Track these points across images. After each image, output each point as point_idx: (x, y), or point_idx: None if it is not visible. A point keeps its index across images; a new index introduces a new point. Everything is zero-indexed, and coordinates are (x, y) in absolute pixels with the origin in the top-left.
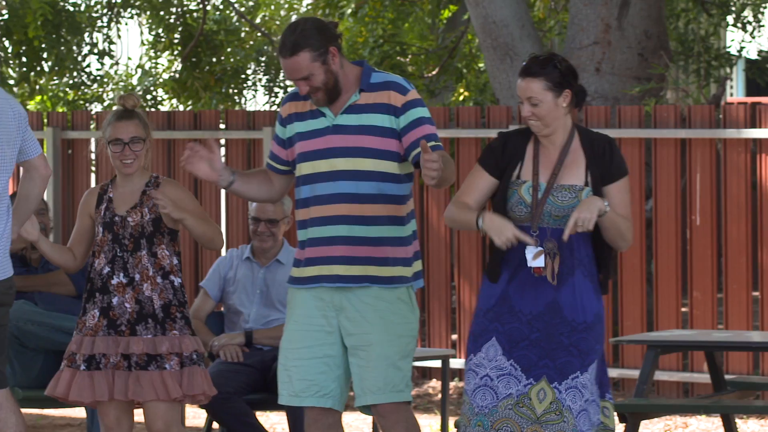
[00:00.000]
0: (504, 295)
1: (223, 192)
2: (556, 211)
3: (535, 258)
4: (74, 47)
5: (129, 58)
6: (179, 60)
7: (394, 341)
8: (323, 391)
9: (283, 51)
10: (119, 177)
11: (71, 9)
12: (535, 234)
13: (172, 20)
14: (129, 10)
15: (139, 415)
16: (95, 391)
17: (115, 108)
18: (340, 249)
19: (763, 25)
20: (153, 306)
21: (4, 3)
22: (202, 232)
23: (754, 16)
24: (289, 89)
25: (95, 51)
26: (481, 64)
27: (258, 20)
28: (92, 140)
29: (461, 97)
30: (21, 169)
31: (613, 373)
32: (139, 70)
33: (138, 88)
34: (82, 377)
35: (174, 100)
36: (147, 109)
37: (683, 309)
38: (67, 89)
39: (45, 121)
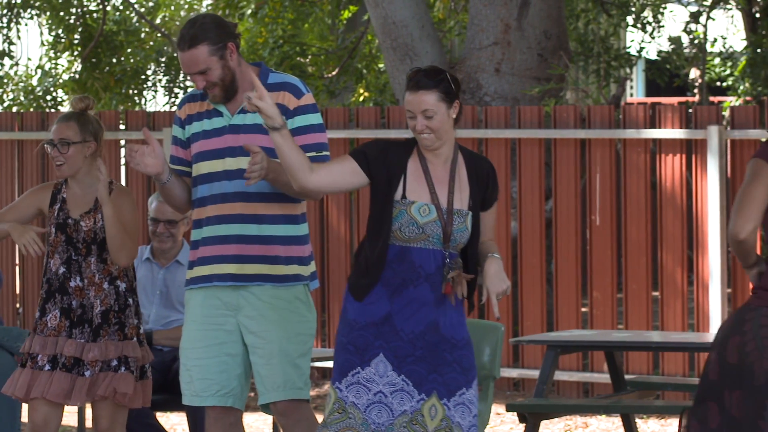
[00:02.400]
0: (387, 315)
1: None
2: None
3: (444, 281)
4: None
5: (29, 59)
6: (79, 60)
7: (292, 339)
8: (224, 390)
9: (182, 44)
10: (70, 179)
11: None
12: (447, 258)
13: (72, 21)
14: (29, 10)
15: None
16: (57, 391)
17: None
18: (233, 248)
19: (662, 26)
20: (93, 311)
21: None
22: (115, 233)
23: (654, 17)
24: (190, 89)
25: None
26: (381, 65)
27: (158, 21)
28: None
29: (361, 98)
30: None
31: (513, 373)
32: (39, 71)
33: (38, 89)
34: (46, 377)
35: None
36: (46, 110)
37: (583, 309)
38: None
39: None
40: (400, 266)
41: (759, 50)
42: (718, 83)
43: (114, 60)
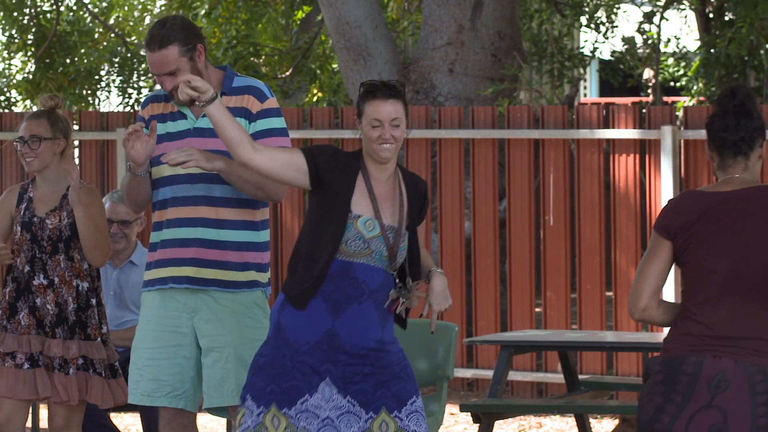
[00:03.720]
0: (331, 332)
1: None
2: (387, 252)
3: (391, 298)
4: None
5: None
6: (33, 61)
7: (248, 345)
8: (176, 392)
9: (152, 44)
10: (38, 177)
11: None
12: (394, 273)
13: (25, 21)
14: None
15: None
16: (35, 389)
17: None
18: (192, 251)
19: (616, 26)
20: (67, 309)
21: None
22: (89, 234)
23: (608, 17)
24: (144, 90)
25: None
26: (334, 65)
27: (111, 21)
28: None
29: (315, 98)
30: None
31: (467, 373)
32: None
33: None
34: (27, 375)
35: (28, 102)
36: (0, 111)
37: (537, 309)
38: None
39: None
40: (342, 281)
41: (712, 50)
42: (672, 83)
43: (68, 60)
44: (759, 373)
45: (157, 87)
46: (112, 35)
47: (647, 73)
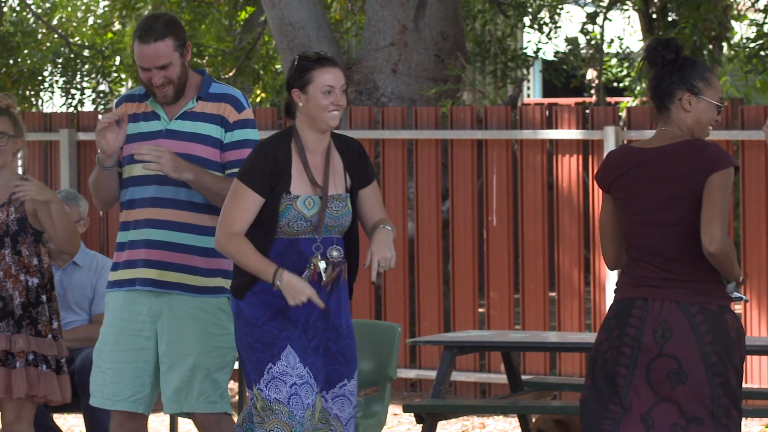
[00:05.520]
0: (281, 307)
1: None
2: (330, 221)
3: (326, 271)
4: None
5: None
6: None
7: (211, 353)
8: (136, 396)
9: (147, 37)
10: None
11: None
12: (319, 246)
13: None
14: None
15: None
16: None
17: None
18: (157, 253)
19: (559, 27)
20: (13, 303)
21: None
22: (64, 227)
23: (551, 18)
24: (87, 91)
25: None
26: (278, 66)
27: (55, 22)
28: None
29: (258, 99)
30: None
31: (410, 373)
32: None
33: None
34: None
35: None
36: None
37: (480, 310)
38: None
39: None
40: (289, 257)
41: None
42: (615, 84)
43: (11, 61)
44: (699, 313)
45: (101, 87)
46: (56, 36)
47: (590, 74)
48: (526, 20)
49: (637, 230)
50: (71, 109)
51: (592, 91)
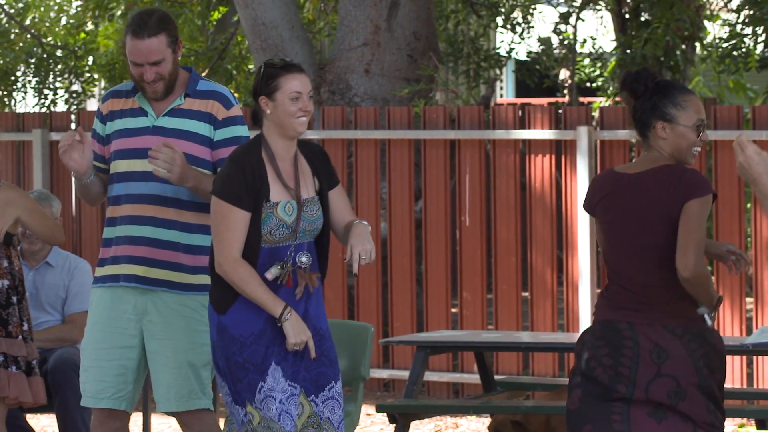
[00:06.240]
0: (266, 318)
1: None
2: (308, 225)
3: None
4: None
5: None
6: None
7: (197, 349)
8: (119, 394)
9: (141, 32)
10: None
11: None
12: (291, 252)
13: None
14: None
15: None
16: None
17: None
18: (143, 250)
19: (532, 27)
20: None
21: None
22: (42, 230)
23: (524, 18)
24: (60, 91)
25: None
26: (251, 66)
27: (28, 22)
28: None
29: None
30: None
31: (383, 374)
32: None
33: None
34: None
35: None
36: None
37: (453, 310)
38: None
39: None
40: (272, 266)
41: (628, 51)
42: (588, 84)
43: None
44: (686, 333)
45: (74, 87)
46: (28, 36)
47: (563, 74)
48: (499, 20)
49: (614, 254)
50: (44, 110)
51: (565, 91)
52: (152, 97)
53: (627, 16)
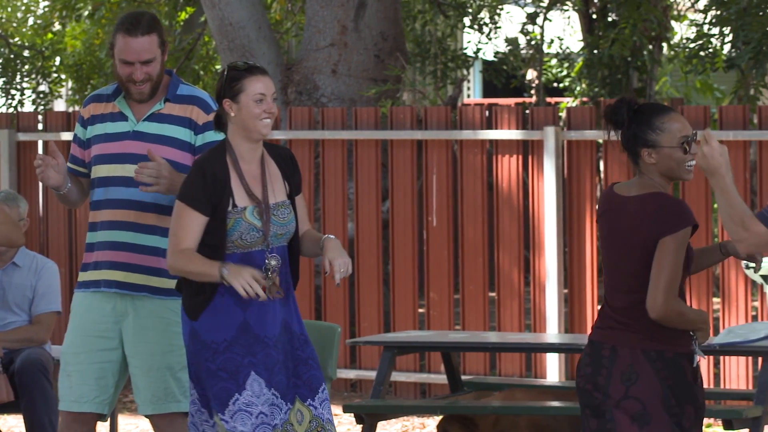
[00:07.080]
0: (244, 325)
1: None
2: (279, 229)
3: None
4: None
5: None
6: None
7: (176, 352)
8: (101, 397)
9: (134, 30)
10: None
11: None
12: (271, 254)
13: None
14: None
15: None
16: None
17: None
18: (123, 255)
19: (499, 27)
20: None
21: None
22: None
23: (491, 18)
24: (27, 92)
25: None
26: (218, 66)
27: None
28: None
29: None
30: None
31: (350, 374)
32: None
33: None
34: None
35: None
36: None
37: (420, 310)
38: None
39: None
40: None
41: (595, 51)
42: (555, 84)
43: None
44: (658, 360)
45: (41, 87)
46: None
47: (530, 74)
48: (466, 20)
49: (605, 272)
50: (11, 110)
51: (532, 92)
52: (137, 99)
53: (594, 16)
